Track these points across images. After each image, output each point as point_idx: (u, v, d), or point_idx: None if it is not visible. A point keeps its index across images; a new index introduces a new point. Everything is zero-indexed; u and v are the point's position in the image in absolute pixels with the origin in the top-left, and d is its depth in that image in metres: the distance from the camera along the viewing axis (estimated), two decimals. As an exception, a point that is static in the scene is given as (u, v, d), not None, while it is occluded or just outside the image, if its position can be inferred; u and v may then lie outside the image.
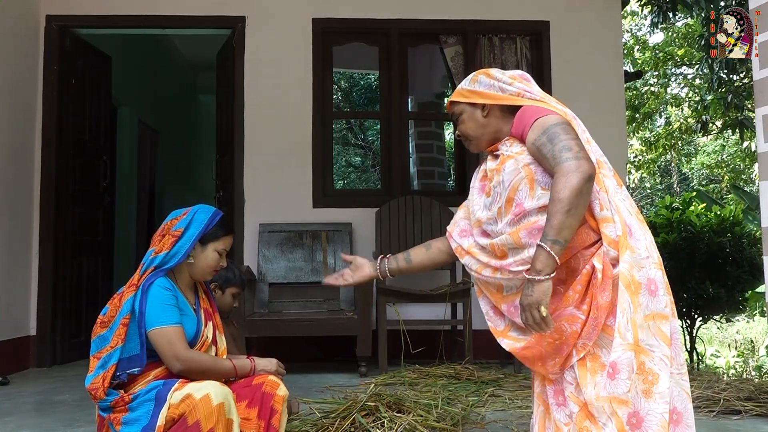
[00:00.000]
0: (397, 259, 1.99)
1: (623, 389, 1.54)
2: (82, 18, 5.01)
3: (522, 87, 1.83)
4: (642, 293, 1.59)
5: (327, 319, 4.29)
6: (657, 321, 1.59)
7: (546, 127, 1.66)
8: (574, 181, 1.55)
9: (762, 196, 2.96)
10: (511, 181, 1.69)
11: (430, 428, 2.76)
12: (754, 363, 8.66)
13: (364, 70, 10.39)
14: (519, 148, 1.73)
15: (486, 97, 1.83)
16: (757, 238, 5.77)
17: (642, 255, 1.62)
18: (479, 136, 1.86)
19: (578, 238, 1.64)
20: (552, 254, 1.55)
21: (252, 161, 4.98)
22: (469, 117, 1.86)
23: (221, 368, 2.09)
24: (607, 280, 1.59)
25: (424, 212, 4.85)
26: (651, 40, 13.41)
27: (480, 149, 1.89)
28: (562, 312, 1.61)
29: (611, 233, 1.62)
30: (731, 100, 8.39)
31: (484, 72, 1.88)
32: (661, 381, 1.55)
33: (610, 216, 1.63)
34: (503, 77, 1.85)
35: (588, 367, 1.59)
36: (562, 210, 1.55)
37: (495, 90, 1.83)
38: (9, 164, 4.51)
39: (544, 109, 1.72)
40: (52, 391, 3.82)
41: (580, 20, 5.25)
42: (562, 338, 1.61)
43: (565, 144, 1.61)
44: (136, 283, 2.06)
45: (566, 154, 1.59)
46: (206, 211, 2.16)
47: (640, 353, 1.55)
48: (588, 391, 1.57)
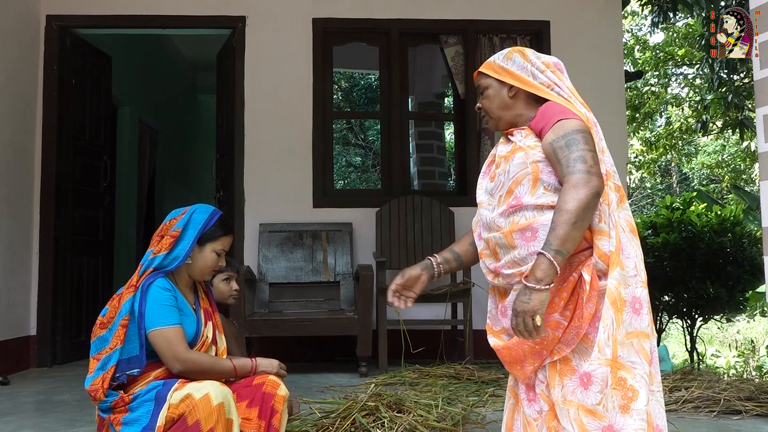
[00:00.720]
0: (447, 261, 1.93)
1: (593, 401, 1.55)
2: (82, 18, 5.01)
3: (554, 79, 1.79)
4: (626, 311, 1.60)
5: (327, 319, 4.29)
6: (640, 339, 1.60)
7: (567, 131, 1.64)
8: (582, 195, 1.55)
9: (762, 196, 2.96)
10: (516, 173, 1.69)
11: (431, 428, 2.76)
12: (755, 363, 8.66)
13: (365, 70, 10.39)
14: (533, 142, 1.71)
15: (516, 78, 1.79)
16: (757, 238, 5.77)
17: (630, 273, 1.62)
18: (500, 115, 1.83)
19: None
20: (554, 264, 1.55)
21: (252, 161, 4.98)
22: (495, 93, 1.82)
23: (221, 368, 2.09)
24: (593, 291, 1.59)
25: (425, 212, 4.85)
26: (651, 40, 13.41)
27: (497, 128, 1.86)
28: (548, 318, 1.61)
29: (604, 247, 1.61)
30: (731, 100, 8.39)
31: (520, 51, 1.83)
32: (640, 398, 1.56)
33: (606, 230, 1.62)
34: (537, 62, 1.81)
35: (558, 369, 1.61)
36: (569, 221, 1.54)
37: (527, 74, 1.79)
38: (9, 164, 4.51)
39: (569, 111, 1.70)
40: (52, 391, 3.82)
41: (580, 20, 5.25)
42: (543, 344, 1.62)
43: (581, 154, 1.60)
44: (135, 284, 2.05)
45: (580, 165, 1.58)
46: (204, 211, 2.14)
47: (619, 369, 1.56)
48: (555, 393, 1.59)
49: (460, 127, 5.42)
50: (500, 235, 1.68)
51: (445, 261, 1.94)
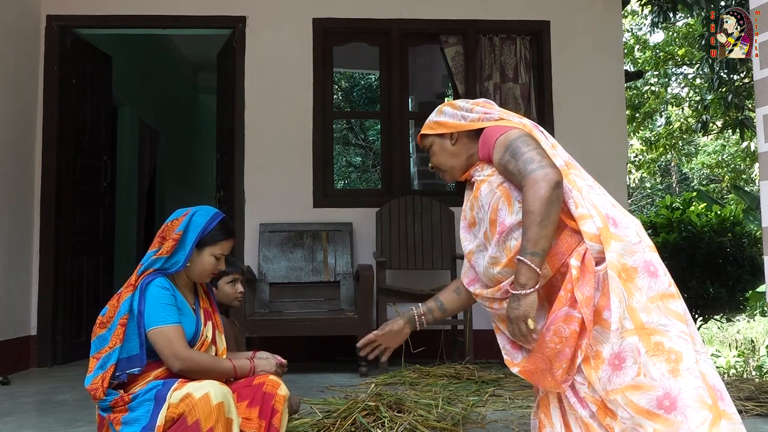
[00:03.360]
0: (431, 311, 2.03)
1: (632, 374, 1.53)
2: (83, 18, 5.01)
3: (482, 111, 1.88)
4: (640, 276, 1.59)
5: (327, 319, 4.29)
6: (665, 301, 1.59)
7: (507, 143, 1.71)
8: (541, 192, 1.59)
9: (762, 196, 2.96)
10: (489, 203, 1.76)
11: (431, 428, 2.76)
12: (755, 363, 8.66)
13: (365, 70, 10.38)
14: (490, 170, 1.80)
15: (450, 126, 1.90)
16: (757, 237, 5.78)
17: (632, 241, 1.63)
18: (453, 165, 1.93)
19: (564, 243, 1.65)
20: (532, 267, 1.59)
21: (252, 161, 4.98)
22: (440, 148, 1.93)
23: (221, 368, 2.09)
24: (586, 275, 1.59)
25: (425, 212, 4.85)
26: (651, 39, 13.41)
27: (455, 178, 1.96)
28: (558, 314, 1.61)
29: (590, 228, 1.63)
30: (731, 100, 8.39)
31: (449, 103, 1.95)
32: (686, 357, 1.52)
33: (587, 212, 1.64)
34: (465, 105, 1.91)
35: (592, 364, 1.59)
36: (535, 221, 1.58)
37: (458, 119, 1.89)
38: (9, 164, 4.51)
39: (503, 127, 1.77)
40: (52, 391, 3.82)
41: (581, 20, 5.25)
42: (562, 340, 1.60)
43: (527, 156, 1.65)
44: (134, 283, 2.05)
45: (531, 166, 1.63)
46: (204, 214, 2.12)
47: (651, 334, 1.54)
48: (599, 388, 1.57)
49: (460, 127, 5.42)
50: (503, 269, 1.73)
51: (428, 311, 2.04)
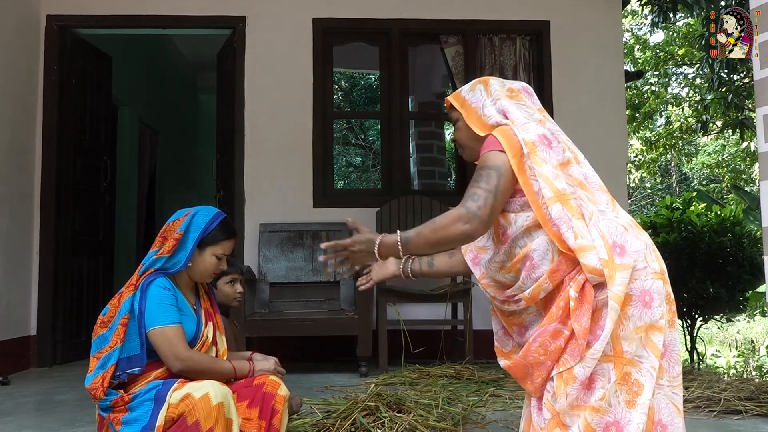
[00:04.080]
0: (420, 262, 2.01)
1: (596, 397, 1.55)
2: (82, 18, 5.01)
3: (502, 107, 1.77)
4: (633, 305, 1.58)
5: (327, 319, 4.29)
6: (649, 332, 1.58)
7: (482, 165, 1.69)
8: (453, 232, 1.61)
9: (762, 196, 2.96)
10: None
11: (431, 428, 2.76)
12: (755, 363, 8.66)
13: (365, 70, 10.39)
14: None
15: (467, 110, 1.82)
16: (757, 237, 5.77)
17: (638, 267, 1.59)
18: (472, 146, 1.84)
19: (564, 263, 1.62)
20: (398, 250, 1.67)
21: (252, 161, 4.98)
22: (463, 126, 1.85)
23: (221, 369, 2.09)
24: (585, 305, 1.57)
25: (425, 212, 4.85)
26: (651, 39, 13.41)
27: (473, 159, 1.86)
28: (547, 328, 1.61)
29: (591, 261, 1.57)
30: (732, 100, 8.39)
31: (484, 82, 1.84)
32: (645, 391, 1.55)
33: (588, 244, 1.58)
34: (498, 91, 1.80)
35: (563, 378, 1.59)
36: (428, 239, 1.65)
37: (479, 106, 1.80)
38: (9, 164, 4.51)
39: (496, 144, 1.69)
40: (52, 391, 3.82)
41: (581, 20, 5.25)
42: (546, 354, 1.61)
43: (476, 192, 1.63)
44: (135, 283, 2.05)
45: (470, 202, 1.62)
46: (206, 214, 2.13)
47: (625, 364, 1.55)
48: (560, 402, 1.58)
49: (460, 127, 5.41)
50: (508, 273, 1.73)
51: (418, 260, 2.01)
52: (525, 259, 1.67)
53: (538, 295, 1.65)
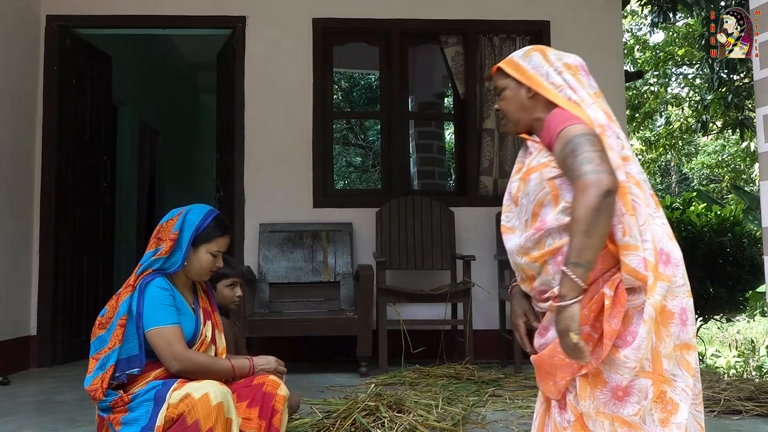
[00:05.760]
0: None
1: (629, 411, 1.50)
2: (82, 18, 5.01)
3: (569, 80, 1.70)
4: (674, 323, 1.53)
5: (327, 319, 4.29)
6: (683, 351, 1.55)
7: (569, 138, 1.56)
8: (590, 199, 1.46)
9: (762, 196, 2.96)
10: (536, 195, 1.62)
11: (431, 428, 2.76)
12: (755, 363, 8.66)
13: (365, 70, 10.38)
14: (545, 158, 1.63)
15: (528, 78, 1.70)
16: (757, 237, 5.78)
17: (678, 283, 1.55)
18: (519, 118, 1.73)
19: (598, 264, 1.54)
20: (573, 278, 1.47)
21: (252, 161, 4.98)
22: (513, 95, 1.72)
23: (219, 368, 2.08)
24: (618, 307, 1.51)
25: (424, 212, 4.85)
26: (651, 39, 13.41)
27: (516, 132, 1.76)
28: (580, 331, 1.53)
29: (633, 263, 1.51)
30: (731, 100, 8.39)
31: (540, 50, 1.75)
32: (680, 411, 1.51)
33: (635, 243, 1.52)
34: (557, 62, 1.72)
35: (589, 380, 1.54)
36: (580, 230, 1.47)
37: (541, 74, 1.70)
38: (9, 164, 4.51)
39: (571, 117, 1.61)
40: (52, 391, 3.83)
41: (580, 20, 5.25)
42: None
43: (586, 156, 1.51)
44: (133, 284, 2.05)
45: (586, 167, 1.49)
46: (197, 212, 2.12)
47: (662, 383, 1.51)
48: (585, 404, 1.54)
49: (460, 127, 5.42)
50: (531, 262, 1.63)
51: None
52: (556, 252, 1.58)
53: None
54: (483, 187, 5.14)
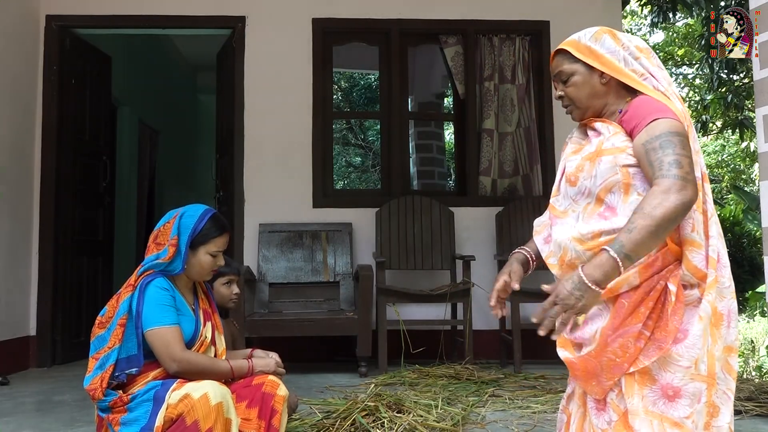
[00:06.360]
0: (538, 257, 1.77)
1: (681, 414, 1.45)
2: (82, 18, 5.01)
3: (648, 67, 1.60)
4: (724, 324, 1.50)
5: (327, 319, 4.29)
6: (728, 354, 1.52)
7: (663, 131, 1.47)
8: (671, 203, 1.40)
9: (762, 196, 2.96)
10: (605, 180, 1.53)
11: (431, 428, 2.76)
12: (755, 363, 8.66)
13: (364, 70, 10.38)
14: (621, 143, 1.54)
15: (605, 64, 1.59)
16: (757, 238, 5.78)
17: (725, 284, 1.51)
18: (589, 105, 1.63)
19: (662, 259, 1.49)
20: (620, 268, 1.41)
21: (252, 161, 4.98)
22: (584, 80, 1.61)
23: (218, 369, 2.08)
24: (680, 304, 1.46)
25: (424, 212, 4.85)
26: (651, 39, 13.41)
27: (582, 119, 1.67)
28: (631, 329, 1.47)
29: (695, 259, 1.46)
30: (731, 100, 8.39)
31: (610, 32, 1.63)
32: (721, 414, 1.48)
33: (700, 241, 1.47)
34: (630, 46, 1.61)
35: (636, 378, 1.48)
36: (649, 228, 1.40)
37: (618, 59, 1.59)
38: (9, 164, 4.51)
39: (665, 108, 1.51)
40: (52, 391, 3.82)
41: (580, 20, 5.20)
42: (625, 356, 1.47)
43: (677, 158, 1.43)
44: (133, 284, 2.05)
45: (675, 170, 1.42)
46: (192, 214, 2.11)
47: (713, 386, 1.47)
48: (634, 402, 1.47)
49: (459, 127, 5.42)
50: (586, 251, 1.54)
51: (536, 256, 1.76)
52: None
53: (619, 289, 1.47)
54: (482, 187, 5.14)
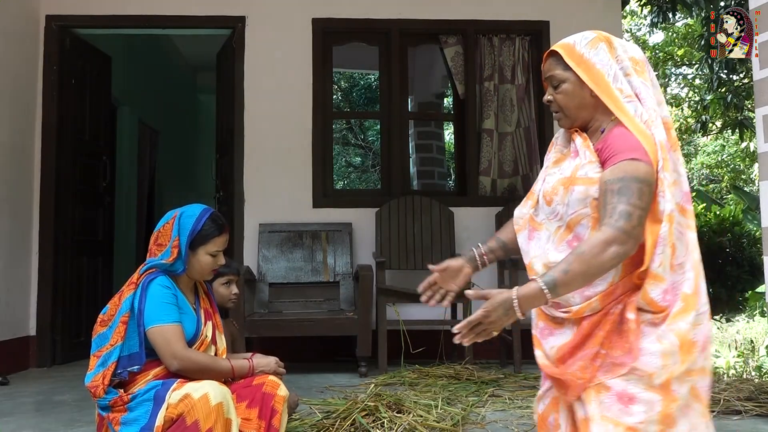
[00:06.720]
0: (492, 250, 1.78)
1: (636, 420, 1.47)
2: (82, 18, 5.01)
3: (636, 87, 1.56)
4: (697, 350, 1.51)
5: (327, 319, 4.29)
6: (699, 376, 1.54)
7: (626, 175, 1.45)
8: (609, 256, 1.43)
9: (762, 196, 2.96)
10: (576, 211, 1.54)
11: (430, 428, 2.76)
12: (754, 363, 8.65)
13: (364, 70, 10.39)
14: (594, 174, 1.53)
15: (594, 79, 1.55)
16: (757, 238, 5.78)
17: (701, 310, 1.51)
18: (578, 115, 1.60)
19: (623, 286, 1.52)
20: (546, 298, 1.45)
21: (252, 161, 4.98)
22: (575, 90, 1.57)
23: (219, 368, 2.08)
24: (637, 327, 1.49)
25: (424, 212, 4.85)
26: (651, 40, 13.42)
27: (569, 127, 1.63)
28: (587, 352, 1.52)
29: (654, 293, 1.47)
30: (731, 100, 8.39)
31: (607, 40, 1.58)
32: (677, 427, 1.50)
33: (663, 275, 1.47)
34: (625, 59, 1.56)
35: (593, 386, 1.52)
36: (583, 274, 1.43)
37: (608, 74, 1.55)
38: (9, 164, 4.51)
39: (638, 147, 1.48)
40: (52, 391, 3.83)
41: (580, 20, 5.23)
42: (584, 377, 1.52)
43: (628, 209, 1.43)
44: (136, 282, 2.05)
45: (622, 222, 1.43)
46: (190, 215, 2.11)
47: (672, 402, 1.49)
48: (592, 408, 1.51)
49: (459, 127, 5.42)
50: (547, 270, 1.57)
51: (489, 250, 1.78)
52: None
53: (582, 313, 1.52)
54: (482, 187, 5.15)
